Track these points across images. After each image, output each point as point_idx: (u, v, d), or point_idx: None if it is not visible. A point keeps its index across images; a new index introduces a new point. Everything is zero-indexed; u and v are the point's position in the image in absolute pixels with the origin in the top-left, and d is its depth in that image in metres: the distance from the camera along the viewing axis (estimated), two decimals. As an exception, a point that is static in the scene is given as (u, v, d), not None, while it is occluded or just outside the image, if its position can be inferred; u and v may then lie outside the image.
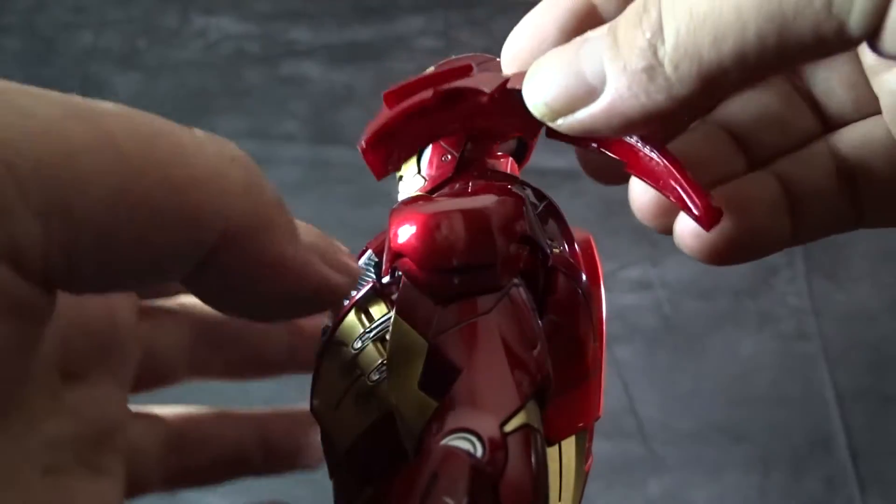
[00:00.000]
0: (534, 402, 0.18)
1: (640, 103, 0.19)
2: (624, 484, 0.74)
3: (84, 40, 1.01)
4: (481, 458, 0.16)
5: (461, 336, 0.19)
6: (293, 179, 0.90)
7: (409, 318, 0.19)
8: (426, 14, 1.03)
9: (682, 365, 0.79)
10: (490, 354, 0.18)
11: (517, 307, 0.19)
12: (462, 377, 0.18)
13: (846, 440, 0.75)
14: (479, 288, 0.19)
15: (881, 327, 0.82)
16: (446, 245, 0.19)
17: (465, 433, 0.17)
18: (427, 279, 0.19)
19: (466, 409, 0.18)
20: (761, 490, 0.74)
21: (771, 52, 0.17)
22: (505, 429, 0.17)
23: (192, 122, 0.18)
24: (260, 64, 1.00)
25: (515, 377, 0.18)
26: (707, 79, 0.18)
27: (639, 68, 0.18)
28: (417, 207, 0.20)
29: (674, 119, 0.20)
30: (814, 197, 0.24)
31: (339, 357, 0.22)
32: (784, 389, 0.79)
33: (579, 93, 0.19)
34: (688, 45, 0.18)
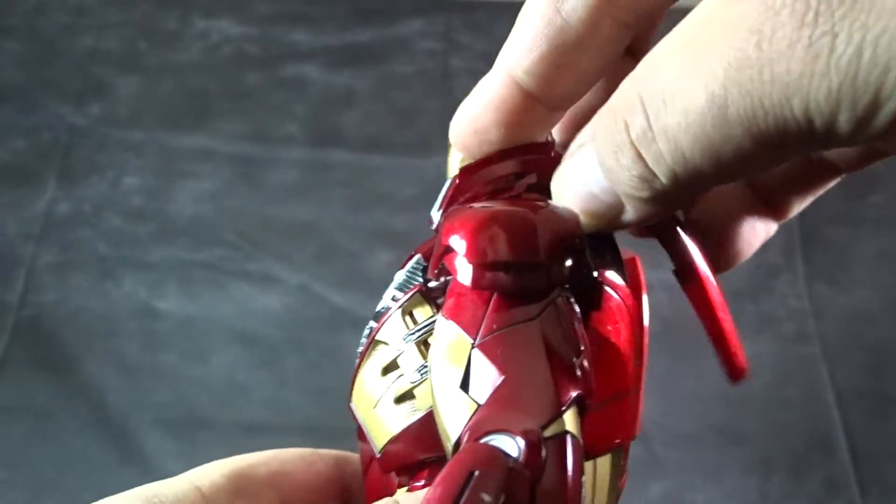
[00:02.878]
0: (574, 410, 0.18)
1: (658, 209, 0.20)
2: (624, 486, 0.74)
3: (85, 42, 1.01)
4: (519, 459, 0.16)
5: (506, 339, 0.19)
6: (293, 181, 0.90)
7: (456, 317, 0.20)
8: (426, 16, 1.03)
9: (682, 367, 0.79)
10: (533, 359, 0.18)
11: (562, 315, 0.19)
12: (504, 380, 0.18)
13: (846, 442, 0.76)
14: (525, 289, 0.19)
15: (881, 329, 0.82)
16: (495, 240, 0.19)
17: (503, 434, 0.17)
18: (474, 273, 0.19)
19: (506, 411, 0.18)
20: (761, 492, 0.74)
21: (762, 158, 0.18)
22: (544, 433, 0.17)
23: (192, 123, 0.19)
24: (260, 66, 1.00)
25: (557, 383, 0.18)
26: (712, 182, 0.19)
27: (644, 197, 0.19)
28: (471, 209, 0.20)
29: None
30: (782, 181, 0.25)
31: (381, 357, 0.22)
32: (784, 391, 0.79)
33: (602, 210, 0.20)
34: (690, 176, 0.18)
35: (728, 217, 0.25)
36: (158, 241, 0.86)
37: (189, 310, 0.82)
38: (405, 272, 0.23)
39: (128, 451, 0.73)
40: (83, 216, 0.88)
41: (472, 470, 0.16)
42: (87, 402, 0.76)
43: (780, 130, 0.17)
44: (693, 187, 0.19)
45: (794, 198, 0.25)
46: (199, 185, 0.90)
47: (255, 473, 0.24)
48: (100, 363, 0.78)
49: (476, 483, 0.15)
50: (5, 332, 0.80)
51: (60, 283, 0.83)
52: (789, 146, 0.17)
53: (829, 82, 0.16)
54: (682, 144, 0.18)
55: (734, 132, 0.17)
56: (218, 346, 0.80)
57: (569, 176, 0.21)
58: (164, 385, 0.77)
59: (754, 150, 0.17)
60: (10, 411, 0.76)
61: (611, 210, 0.20)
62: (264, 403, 0.77)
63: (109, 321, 0.81)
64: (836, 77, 0.16)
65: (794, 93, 0.16)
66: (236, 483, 0.23)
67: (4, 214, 0.88)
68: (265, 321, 0.81)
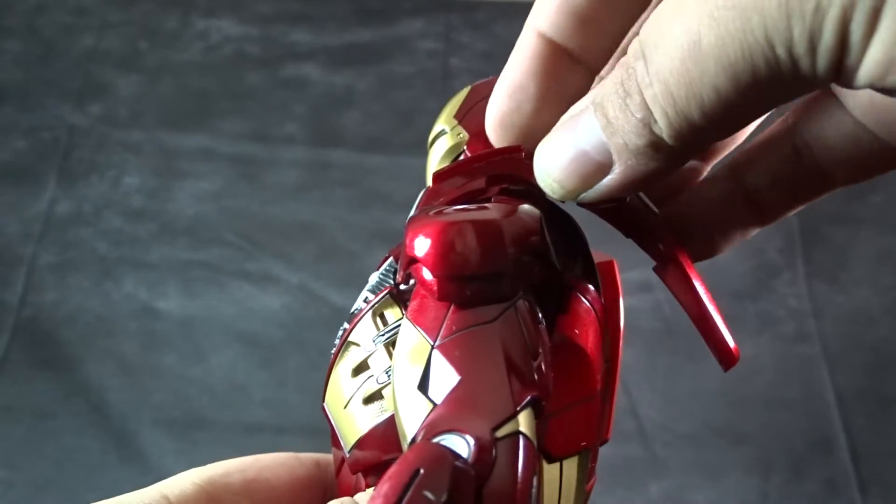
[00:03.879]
0: (530, 411, 0.18)
1: (650, 170, 0.20)
2: (624, 486, 0.74)
3: (85, 42, 1.01)
4: (468, 459, 0.17)
5: (464, 341, 0.19)
6: (293, 181, 0.90)
7: (418, 320, 0.20)
8: (426, 16, 1.03)
9: (683, 367, 0.79)
10: (489, 361, 0.19)
11: (522, 318, 0.19)
12: (460, 381, 0.18)
13: (846, 442, 0.75)
14: (488, 297, 0.19)
15: (881, 329, 0.82)
16: (458, 253, 0.19)
17: (455, 434, 0.17)
18: (438, 285, 0.20)
19: (460, 411, 0.18)
20: (762, 492, 0.74)
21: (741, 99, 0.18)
22: (496, 434, 0.17)
23: (193, 123, 0.18)
24: (260, 66, 1.00)
25: (512, 385, 0.18)
26: (706, 137, 0.19)
27: (641, 144, 0.20)
28: (433, 216, 0.20)
29: None
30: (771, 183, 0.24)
31: (352, 357, 0.22)
32: (784, 391, 0.79)
33: (589, 170, 0.21)
34: (681, 120, 0.19)
35: (710, 210, 0.25)
36: (158, 241, 0.86)
37: (189, 310, 0.82)
38: (378, 274, 0.23)
39: (128, 450, 0.73)
40: (83, 216, 0.88)
41: (418, 468, 0.16)
42: (87, 402, 0.76)
43: (747, 59, 0.17)
44: (685, 137, 0.19)
45: (781, 203, 0.25)
46: (199, 184, 0.90)
47: (228, 481, 0.24)
48: (99, 363, 0.78)
49: (420, 481, 0.15)
50: (5, 332, 0.80)
51: (60, 283, 0.83)
52: (761, 83, 0.17)
53: None
54: (670, 85, 0.18)
55: (709, 66, 0.18)
56: (218, 346, 0.80)
57: (560, 138, 0.21)
58: (164, 385, 0.77)
59: (729, 88, 0.18)
60: (10, 411, 0.76)
61: (599, 170, 0.21)
62: (264, 403, 0.77)
63: (109, 321, 0.81)
64: None
65: (752, 13, 0.17)
66: (208, 491, 0.23)
67: (4, 214, 0.88)
68: (265, 321, 0.81)
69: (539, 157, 0.22)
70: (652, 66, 0.19)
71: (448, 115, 0.27)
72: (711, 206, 0.25)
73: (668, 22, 0.18)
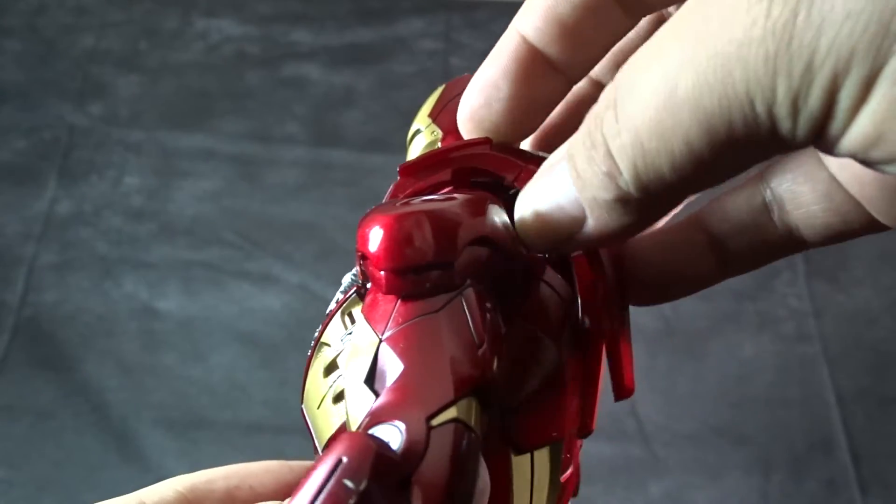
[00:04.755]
0: (472, 400, 0.18)
1: (624, 225, 0.19)
2: (624, 486, 0.74)
3: (85, 42, 1.01)
4: (399, 448, 0.17)
5: (409, 332, 0.19)
6: (294, 181, 0.90)
7: (369, 314, 0.20)
8: (427, 16, 1.03)
9: (683, 367, 0.79)
10: (432, 351, 0.19)
11: (469, 307, 0.19)
12: (402, 371, 0.18)
13: (847, 442, 0.75)
14: (434, 287, 0.19)
15: (881, 329, 0.82)
16: (399, 246, 0.19)
17: (389, 424, 0.17)
18: (383, 279, 0.20)
19: (398, 401, 0.18)
20: (762, 492, 0.74)
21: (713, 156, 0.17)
22: (431, 422, 0.17)
23: (192, 123, 0.18)
24: (261, 66, 1.00)
25: (453, 374, 0.18)
26: (676, 194, 0.18)
27: (609, 199, 0.19)
28: (379, 210, 0.20)
29: None
30: (740, 234, 0.23)
31: (324, 358, 0.22)
32: (784, 391, 0.79)
33: (564, 224, 0.20)
34: (650, 174, 0.18)
35: (669, 255, 0.24)
36: (158, 241, 0.86)
37: (189, 310, 0.82)
38: (350, 275, 0.24)
39: (128, 450, 0.73)
40: (83, 216, 0.88)
41: (340, 458, 0.16)
42: (87, 402, 0.76)
43: (724, 114, 0.16)
44: (655, 192, 0.18)
45: (747, 257, 0.24)
46: (199, 184, 0.90)
47: (211, 488, 0.23)
48: (100, 363, 0.78)
49: (341, 470, 0.16)
50: (5, 332, 0.80)
51: (60, 283, 0.83)
52: (735, 140, 0.16)
53: (766, 49, 0.15)
54: (641, 134, 0.17)
55: (683, 118, 0.16)
56: (218, 346, 0.80)
57: (537, 189, 0.21)
58: (164, 385, 0.77)
59: (703, 143, 0.17)
60: (10, 411, 0.76)
61: (572, 224, 0.20)
62: (264, 403, 0.77)
63: (109, 321, 0.81)
64: (773, 42, 0.15)
65: (735, 65, 0.16)
66: (188, 498, 0.23)
67: (4, 214, 0.88)
68: (265, 321, 0.81)
69: (517, 207, 0.21)
70: (623, 114, 0.18)
71: (423, 114, 0.27)
72: (674, 250, 0.24)
73: (645, 67, 0.17)
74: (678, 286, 0.24)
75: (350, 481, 0.15)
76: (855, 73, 0.15)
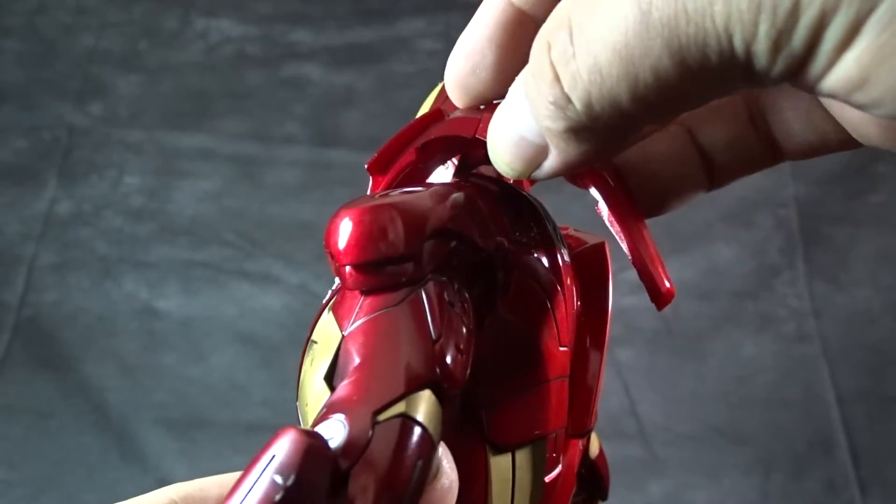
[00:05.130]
0: (427, 395, 0.18)
1: (585, 152, 0.18)
2: (624, 485, 0.74)
3: (85, 42, 1.01)
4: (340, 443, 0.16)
5: (368, 327, 0.19)
6: (294, 181, 0.90)
7: (336, 311, 0.20)
8: (427, 16, 1.03)
9: (683, 367, 0.79)
10: (387, 345, 0.18)
11: (429, 301, 0.19)
12: (357, 366, 0.18)
13: (847, 442, 0.75)
14: (394, 281, 0.19)
15: (881, 329, 0.82)
16: (357, 242, 0.19)
17: (335, 419, 0.17)
18: (345, 275, 0.19)
19: (348, 396, 0.18)
20: (762, 492, 0.74)
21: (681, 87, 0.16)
22: (378, 417, 0.17)
23: (192, 123, 0.18)
24: (261, 66, 1.00)
25: (405, 368, 0.18)
26: (632, 124, 0.17)
27: (562, 129, 0.18)
28: (342, 207, 0.20)
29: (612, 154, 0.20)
30: (728, 147, 0.23)
31: (312, 354, 0.22)
32: (784, 391, 0.79)
33: (530, 153, 0.19)
34: (605, 102, 0.17)
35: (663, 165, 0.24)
36: (158, 241, 0.86)
37: (189, 310, 0.82)
38: None
39: (128, 450, 0.73)
40: (83, 216, 0.88)
41: (274, 453, 0.16)
42: (87, 402, 0.76)
43: (699, 45, 0.15)
44: (610, 121, 0.17)
45: (733, 167, 0.24)
46: (199, 184, 0.90)
47: (205, 496, 0.23)
48: (100, 363, 0.78)
49: (271, 466, 0.16)
50: (5, 331, 0.80)
51: (60, 283, 0.83)
52: (707, 72, 0.16)
53: None
54: (600, 59, 0.16)
55: (654, 45, 0.15)
56: (218, 346, 0.80)
57: (501, 120, 0.20)
58: (164, 385, 0.77)
59: (671, 73, 0.16)
60: (10, 411, 0.76)
61: (538, 154, 0.19)
62: (264, 403, 0.77)
63: (109, 321, 0.81)
64: None
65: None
66: None
67: (4, 214, 0.88)
68: (265, 321, 0.81)
69: (488, 139, 0.21)
70: (581, 37, 0.16)
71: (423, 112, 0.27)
72: (665, 161, 0.23)
73: None
74: (671, 196, 0.24)
75: (279, 476, 0.15)
76: (843, 15, 0.14)
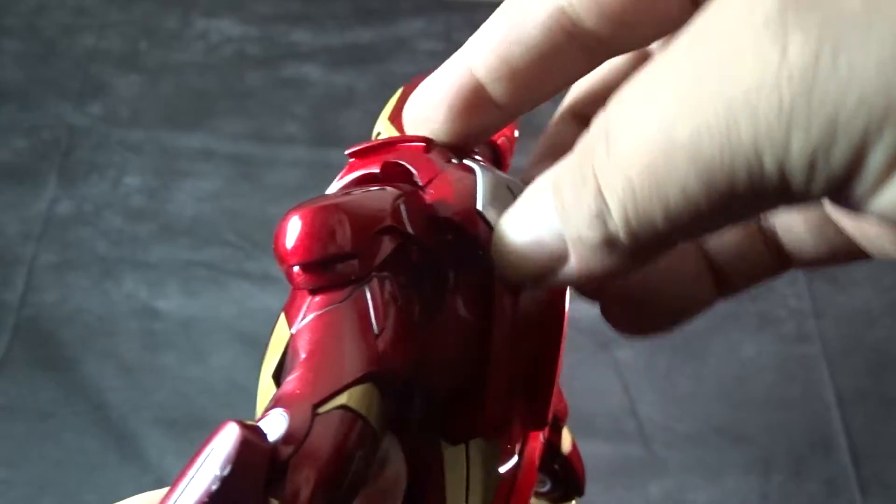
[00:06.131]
0: (369, 387, 0.18)
1: (608, 267, 0.18)
2: (624, 486, 0.74)
3: (85, 42, 1.01)
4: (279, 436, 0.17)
5: (312, 325, 0.19)
6: (294, 181, 0.90)
7: (286, 310, 0.20)
8: (427, 16, 1.03)
9: (683, 367, 0.79)
10: (328, 341, 0.19)
11: (373, 296, 0.19)
12: (301, 362, 0.19)
13: (847, 442, 0.75)
14: (339, 280, 0.20)
15: (882, 329, 0.82)
16: (299, 242, 0.19)
17: (277, 412, 0.17)
18: (291, 275, 0.20)
19: (291, 391, 0.18)
20: (762, 492, 0.74)
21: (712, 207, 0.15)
22: (318, 410, 0.17)
23: (192, 123, 0.18)
24: (261, 66, 1.00)
25: (347, 361, 0.18)
26: (667, 242, 0.17)
27: (595, 240, 0.17)
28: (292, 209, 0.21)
29: None
30: (738, 260, 0.23)
31: None
32: (784, 391, 0.79)
33: (545, 260, 0.19)
34: (640, 220, 0.16)
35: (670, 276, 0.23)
36: (158, 241, 0.86)
37: (189, 310, 0.82)
38: None
39: (128, 450, 0.73)
40: (83, 216, 0.88)
41: (213, 447, 0.16)
42: (86, 402, 0.76)
43: (725, 164, 0.14)
44: (644, 239, 0.16)
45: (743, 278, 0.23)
46: (199, 184, 0.90)
47: None
48: (100, 363, 0.78)
49: (210, 458, 0.16)
50: (5, 331, 0.80)
51: (60, 283, 0.83)
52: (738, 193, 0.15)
53: (780, 95, 0.13)
54: (633, 178, 0.15)
55: (680, 164, 0.15)
56: (218, 346, 0.80)
57: (517, 218, 0.19)
58: (164, 385, 0.77)
59: (699, 194, 0.15)
60: (10, 411, 0.76)
61: (553, 260, 0.18)
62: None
63: (109, 321, 0.81)
64: (788, 90, 0.13)
65: (742, 110, 0.14)
66: None
67: (4, 214, 0.88)
68: (265, 321, 0.81)
69: (496, 236, 0.20)
70: (615, 152, 0.16)
71: (384, 117, 0.28)
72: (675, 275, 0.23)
73: (639, 101, 0.16)
74: (684, 311, 0.23)
75: (216, 467, 0.16)
76: (890, 135, 0.13)
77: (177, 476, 0.16)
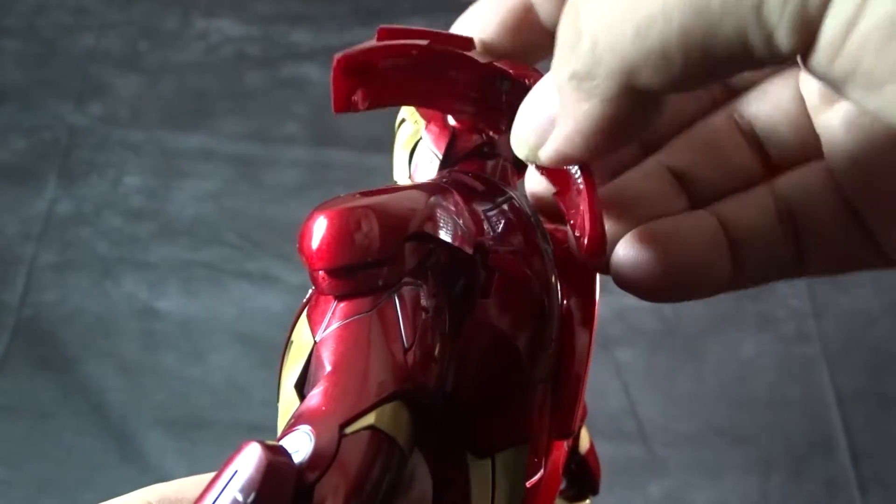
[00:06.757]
0: (398, 405, 0.17)
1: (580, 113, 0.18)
2: (624, 486, 0.74)
3: (85, 42, 1.01)
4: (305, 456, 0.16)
5: (338, 334, 0.18)
6: (294, 181, 0.90)
7: (310, 317, 0.19)
8: (427, 16, 1.03)
9: (683, 367, 0.79)
10: (357, 354, 0.18)
11: (402, 307, 0.19)
12: (327, 375, 0.18)
13: (847, 442, 0.75)
14: (367, 286, 0.19)
15: (881, 329, 0.82)
16: (328, 245, 0.19)
17: (301, 430, 0.17)
18: (317, 279, 0.19)
19: (317, 407, 0.17)
20: (762, 492, 0.74)
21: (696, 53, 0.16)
22: (345, 430, 0.16)
23: (192, 123, 0.18)
24: (261, 66, 1.00)
25: (374, 378, 0.17)
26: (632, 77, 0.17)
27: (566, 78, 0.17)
28: (318, 207, 0.20)
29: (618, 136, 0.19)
30: (754, 240, 0.23)
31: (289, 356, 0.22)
32: (784, 391, 0.79)
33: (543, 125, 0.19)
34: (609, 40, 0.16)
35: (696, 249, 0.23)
36: (158, 241, 0.86)
37: (189, 310, 0.82)
38: None
39: (128, 450, 0.73)
40: (83, 216, 0.88)
41: (236, 469, 0.15)
42: (86, 402, 0.76)
43: None
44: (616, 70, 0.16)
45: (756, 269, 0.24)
46: (199, 184, 0.90)
47: (182, 497, 0.23)
48: (99, 363, 0.78)
49: (233, 481, 0.15)
50: (5, 331, 0.80)
51: (60, 283, 0.83)
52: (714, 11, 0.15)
53: None
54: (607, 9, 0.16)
55: None
56: (218, 346, 0.80)
57: (526, 105, 0.20)
58: (164, 385, 0.77)
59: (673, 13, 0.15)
60: (10, 411, 0.76)
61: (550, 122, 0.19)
62: (264, 403, 0.77)
63: (109, 321, 0.81)
64: None
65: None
66: None
67: (4, 214, 0.88)
68: (265, 321, 0.81)
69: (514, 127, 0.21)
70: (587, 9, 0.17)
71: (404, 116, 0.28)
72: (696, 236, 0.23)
73: None
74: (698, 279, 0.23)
75: (240, 493, 0.15)
76: None
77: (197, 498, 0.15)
